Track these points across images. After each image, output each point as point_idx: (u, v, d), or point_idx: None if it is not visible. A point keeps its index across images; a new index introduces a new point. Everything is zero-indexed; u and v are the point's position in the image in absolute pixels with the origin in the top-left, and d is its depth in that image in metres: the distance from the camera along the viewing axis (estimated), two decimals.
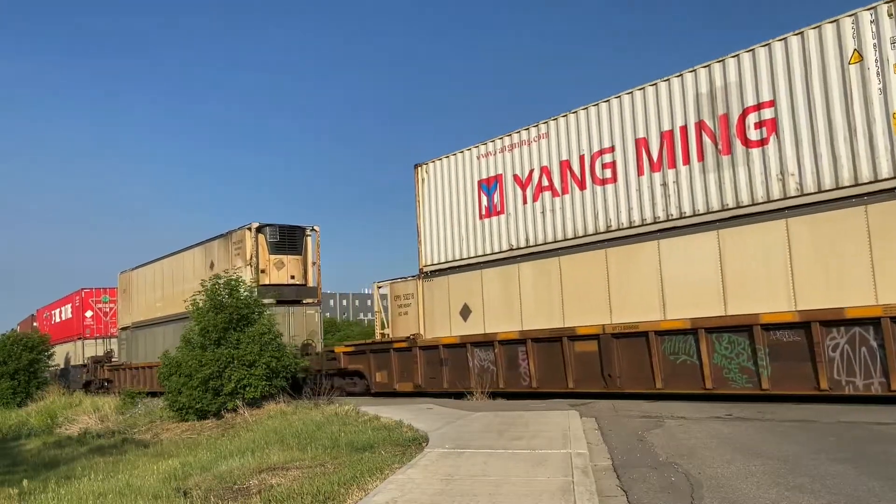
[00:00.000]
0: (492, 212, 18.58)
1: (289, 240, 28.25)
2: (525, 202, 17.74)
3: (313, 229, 29.00)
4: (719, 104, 14.11)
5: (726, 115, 13.99)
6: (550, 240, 17.05)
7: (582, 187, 16.46)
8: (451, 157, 19.92)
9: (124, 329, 37.28)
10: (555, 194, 17.06)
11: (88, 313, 42.58)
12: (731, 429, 10.58)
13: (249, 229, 27.66)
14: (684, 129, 14.63)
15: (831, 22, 12.63)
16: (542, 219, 17.28)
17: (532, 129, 17.71)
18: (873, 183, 11.99)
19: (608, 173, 15.96)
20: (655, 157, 15.08)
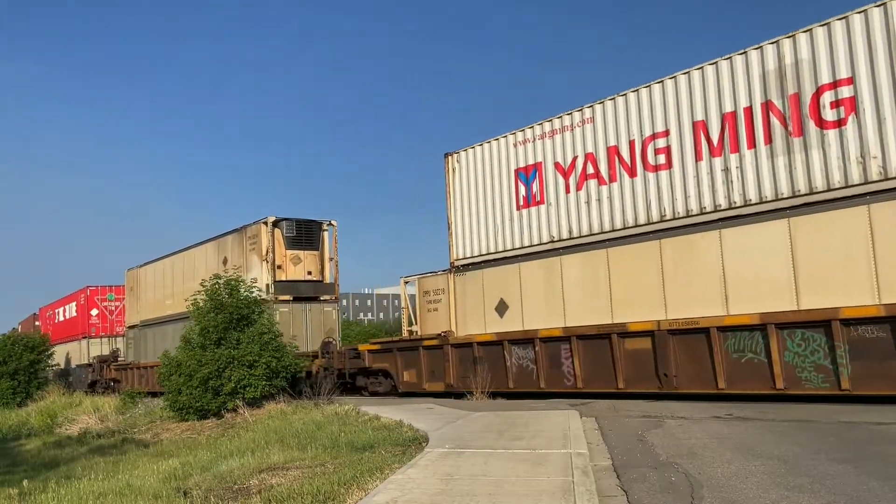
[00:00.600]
0: (530, 202, 17.57)
1: (306, 234, 27.26)
2: (568, 191, 16.73)
3: (330, 224, 28.02)
4: (789, 83, 13.10)
5: (797, 95, 12.99)
6: (597, 231, 16.04)
7: (632, 174, 15.46)
8: (484, 145, 18.91)
9: (132, 328, 36.25)
10: (601, 182, 16.06)
11: (94, 311, 41.50)
12: (731, 429, 10.47)
13: (265, 223, 26.66)
14: (749, 110, 13.63)
15: None
16: (588, 208, 16.27)
17: (575, 113, 16.70)
18: None
19: (662, 159, 14.95)
20: (716, 141, 14.08)
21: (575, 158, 16.62)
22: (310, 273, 27.11)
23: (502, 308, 17.92)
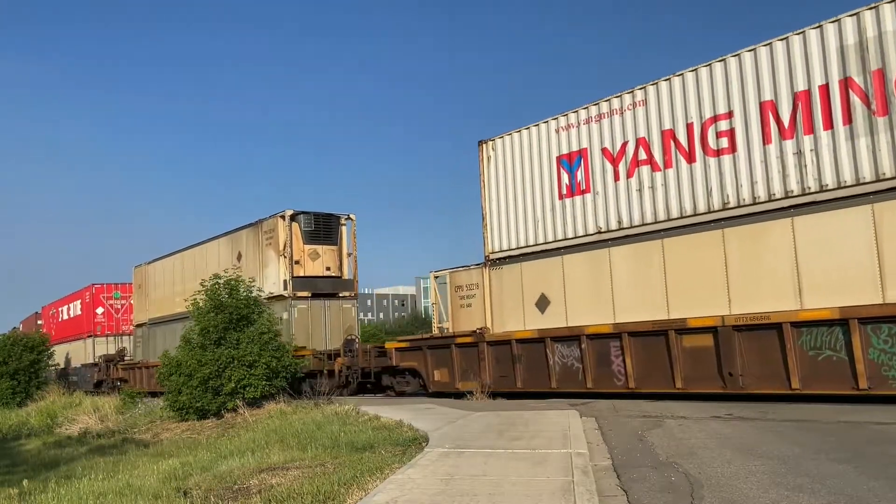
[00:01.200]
0: (574, 191, 16.56)
1: (324, 229, 26.24)
2: (617, 179, 15.73)
3: (349, 218, 26.98)
4: (871, 58, 12.10)
5: (881, 71, 11.98)
6: (650, 220, 15.03)
7: (690, 160, 14.46)
8: (522, 131, 17.90)
9: (140, 326, 35.19)
10: (655, 169, 15.05)
11: (99, 310, 40.43)
12: (731, 429, 10.42)
13: (282, 217, 25.63)
14: (825, 88, 12.62)
15: None
16: (640, 197, 15.26)
17: (626, 95, 15.70)
18: None
19: (724, 143, 13.95)
20: (787, 122, 13.08)
21: (625, 144, 15.61)
22: (328, 269, 26.08)
23: (543, 303, 16.90)
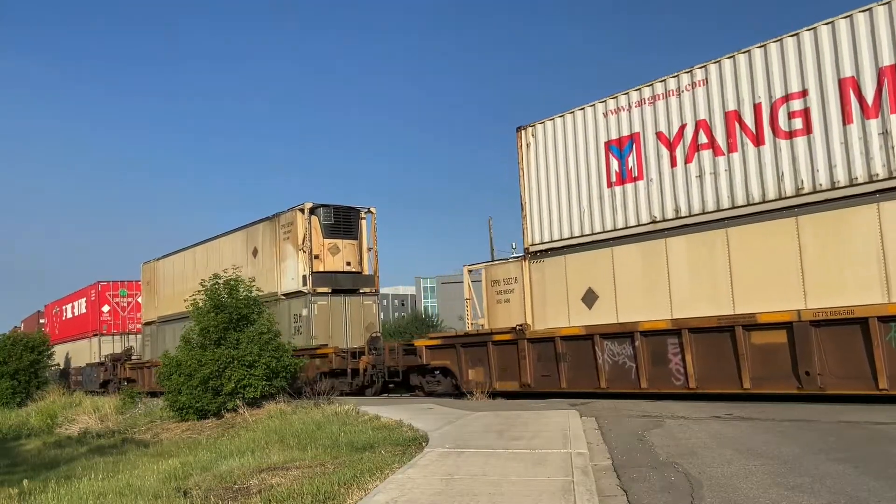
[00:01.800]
0: (625, 178, 15.54)
1: (344, 222, 25.22)
2: (674, 164, 14.70)
3: (369, 211, 25.98)
4: None
5: None
6: (712, 209, 14.00)
7: (758, 143, 13.43)
8: (566, 115, 16.87)
9: (149, 324, 34.13)
10: (717, 153, 14.03)
11: (105, 308, 39.34)
12: (731, 428, 10.37)
13: (301, 210, 24.62)
14: None
15: None
16: (700, 183, 14.23)
17: (683, 75, 14.67)
18: None
19: (797, 123, 12.92)
20: (871, 100, 12.05)
21: (683, 127, 14.59)
22: (348, 263, 25.07)
23: (591, 298, 15.87)
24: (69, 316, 44.18)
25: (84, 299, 41.25)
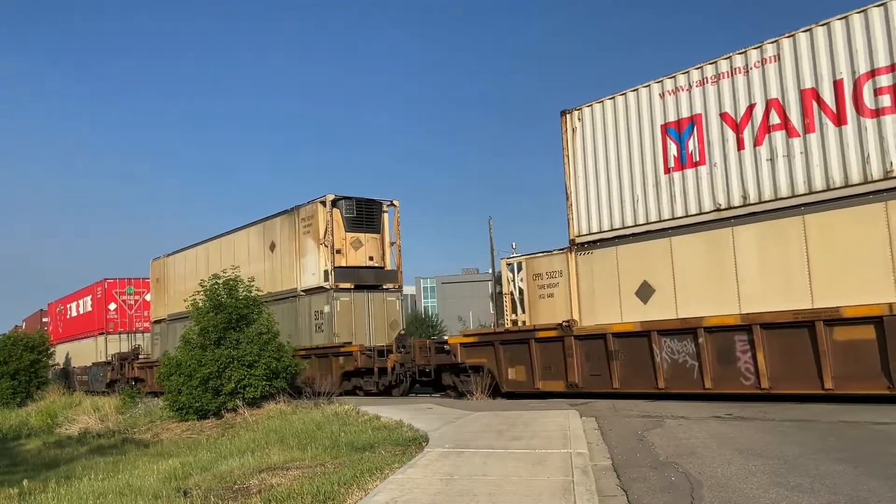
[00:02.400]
0: (685, 163, 14.49)
1: (366, 215, 24.20)
2: (741, 147, 13.64)
3: (392, 204, 24.97)
4: None
5: None
6: (785, 194, 12.93)
7: (839, 122, 12.37)
8: (616, 98, 15.82)
9: (158, 322, 33.06)
10: (792, 134, 12.97)
11: (112, 306, 38.26)
12: (731, 429, 10.33)
13: (323, 203, 23.59)
14: None
15: None
16: (771, 167, 13.18)
17: (751, 51, 13.62)
18: None
19: (885, 101, 11.85)
20: None
21: (751, 107, 13.54)
22: (371, 258, 24.04)
23: (646, 292, 14.81)
24: (74, 314, 43.09)
25: (90, 297, 40.18)
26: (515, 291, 17.49)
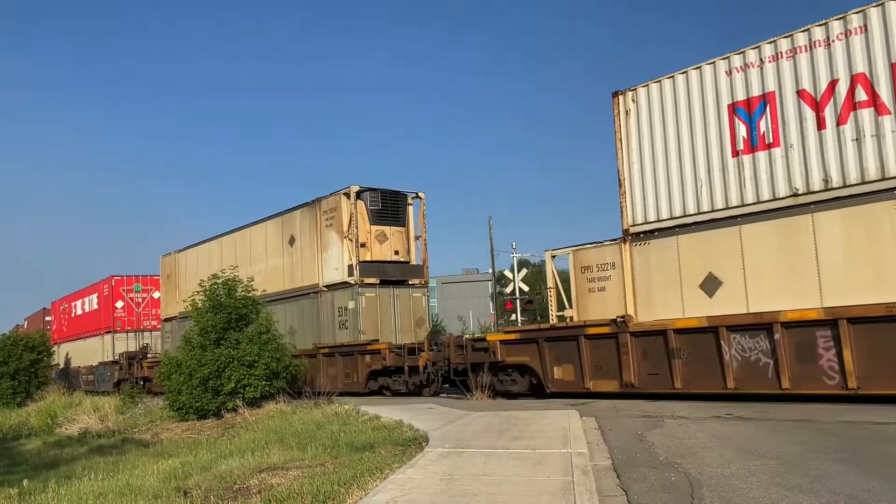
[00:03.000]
0: (756, 145, 13.40)
1: (392, 208, 23.10)
2: (822, 127, 12.56)
3: (417, 196, 23.85)
4: None
5: None
6: (874, 177, 11.83)
7: None
8: (676, 76, 14.73)
9: (168, 320, 31.92)
10: (882, 111, 11.88)
11: (119, 304, 37.11)
12: (731, 428, 10.30)
13: (346, 195, 22.48)
14: None
15: None
16: (857, 148, 12.09)
17: (833, 22, 12.54)
18: None
19: None
20: None
21: (833, 83, 12.45)
22: (396, 252, 22.92)
23: (712, 285, 13.70)
24: (79, 312, 41.93)
25: (96, 295, 39.02)
26: (559, 286, 16.38)
